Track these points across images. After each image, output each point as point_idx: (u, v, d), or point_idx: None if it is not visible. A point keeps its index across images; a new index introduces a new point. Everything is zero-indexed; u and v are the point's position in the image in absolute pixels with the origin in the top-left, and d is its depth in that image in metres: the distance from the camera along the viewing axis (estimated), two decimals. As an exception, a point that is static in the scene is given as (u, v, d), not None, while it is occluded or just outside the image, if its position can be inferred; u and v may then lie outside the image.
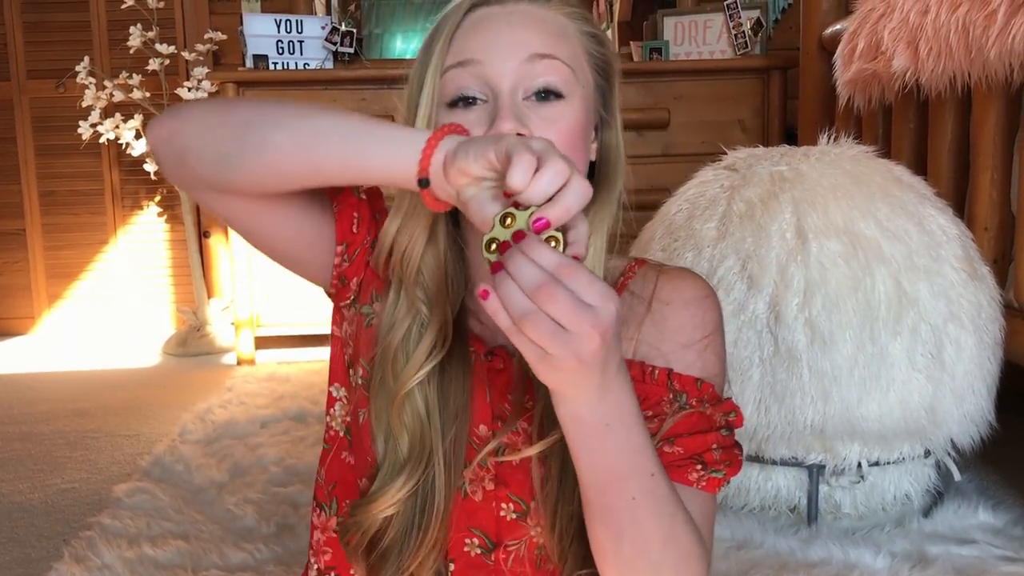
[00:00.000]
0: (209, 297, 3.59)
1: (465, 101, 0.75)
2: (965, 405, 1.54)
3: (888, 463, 1.58)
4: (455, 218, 0.82)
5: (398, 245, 0.78)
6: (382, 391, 0.78)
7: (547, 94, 0.74)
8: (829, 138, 1.76)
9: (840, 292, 1.48)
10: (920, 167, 1.89)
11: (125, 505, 1.80)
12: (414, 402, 0.77)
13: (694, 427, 0.75)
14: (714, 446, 0.74)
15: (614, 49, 0.82)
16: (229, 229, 3.10)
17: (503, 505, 0.78)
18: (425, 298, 0.79)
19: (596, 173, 0.81)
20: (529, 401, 0.77)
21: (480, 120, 0.74)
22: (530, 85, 0.74)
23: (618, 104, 0.82)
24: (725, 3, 3.14)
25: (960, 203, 1.80)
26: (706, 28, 3.17)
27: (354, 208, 0.81)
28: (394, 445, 0.77)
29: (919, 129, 1.94)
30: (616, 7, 5.44)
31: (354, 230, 0.81)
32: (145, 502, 1.82)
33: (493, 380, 0.80)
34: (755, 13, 3.14)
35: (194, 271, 3.51)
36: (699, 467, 0.74)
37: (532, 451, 0.74)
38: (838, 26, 2.21)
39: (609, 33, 5.65)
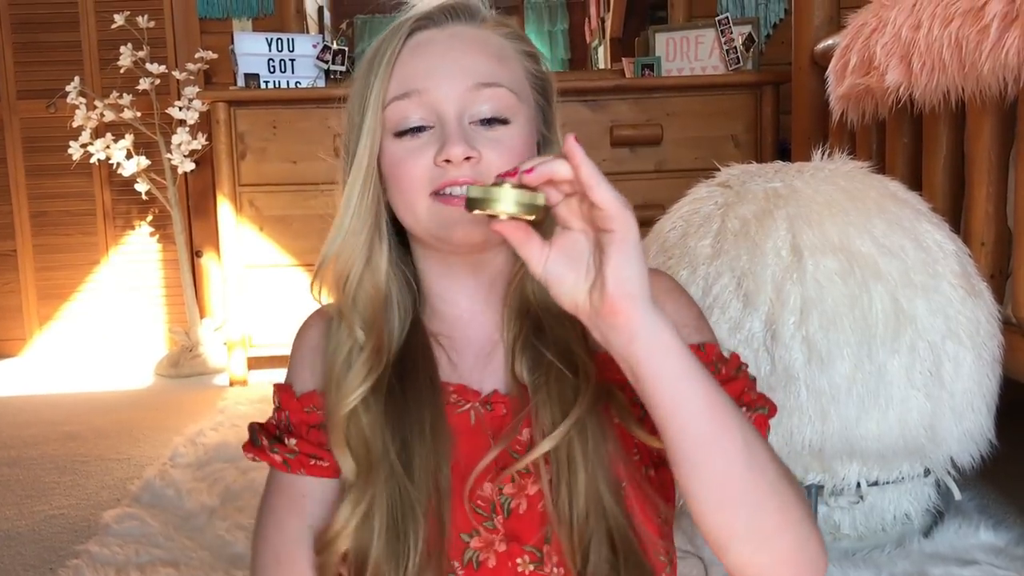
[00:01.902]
0: (202, 317, 3.57)
1: (413, 131, 0.75)
2: (964, 423, 1.52)
3: (887, 483, 1.56)
4: (402, 239, 0.83)
5: (335, 271, 0.79)
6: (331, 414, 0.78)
7: (492, 121, 0.75)
8: (823, 154, 1.74)
9: (837, 310, 1.47)
10: (915, 182, 1.88)
11: (114, 532, 1.78)
12: (357, 423, 0.76)
13: (720, 380, 0.75)
14: (746, 389, 0.77)
15: (549, 67, 0.85)
16: (222, 248, 3.08)
17: (518, 560, 0.76)
18: (361, 323, 0.79)
19: None
20: (524, 428, 0.76)
21: (429, 144, 0.75)
22: (475, 112, 0.75)
23: (558, 121, 0.84)
24: (717, 19, 3.14)
25: (956, 218, 1.79)
26: (698, 44, 3.17)
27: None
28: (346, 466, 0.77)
29: (913, 144, 1.93)
30: (608, 24, 5.45)
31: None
32: (134, 528, 1.79)
33: (499, 430, 0.78)
34: (747, 28, 3.14)
35: (186, 291, 3.48)
36: (743, 408, 0.75)
37: (547, 445, 0.73)
38: (830, 41, 2.21)
39: (601, 50, 5.67)
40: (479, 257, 0.81)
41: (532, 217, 0.62)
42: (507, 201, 0.60)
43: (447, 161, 0.73)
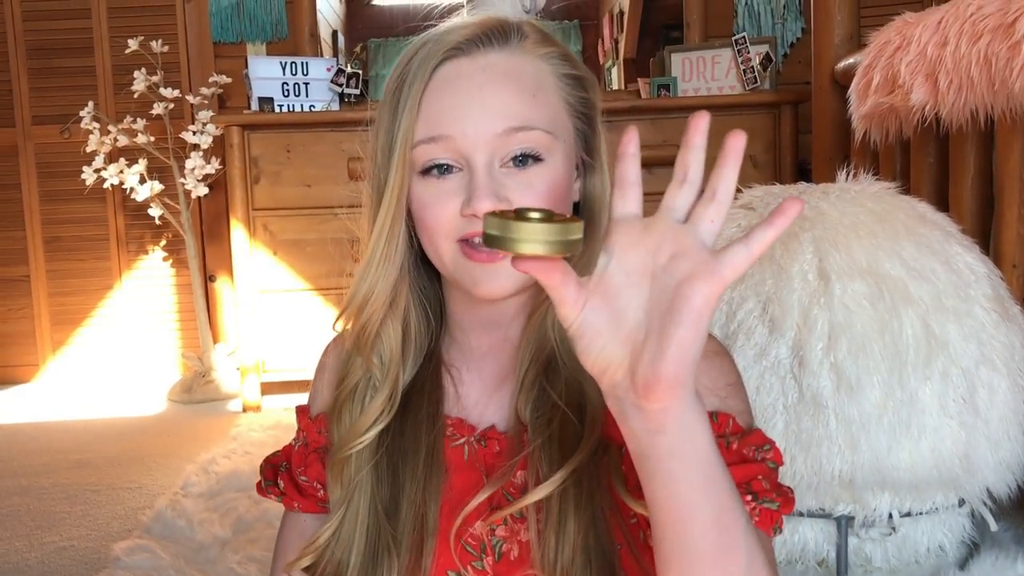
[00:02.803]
0: (215, 342, 3.54)
1: (439, 168, 0.72)
2: (1000, 452, 1.47)
3: (920, 513, 1.51)
4: (428, 271, 0.79)
5: (359, 314, 0.76)
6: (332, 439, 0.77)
7: (525, 158, 0.71)
8: (848, 175, 1.70)
9: (866, 335, 1.42)
10: (941, 203, 1.83)
11: (124, 565, 1.74)
12: (358, 464, 0.75)
13: (729, 460, 0.69)
14: (760, 476, 0.69)
15: (596, 88, 0.79)
16: (235, 273, 3.06)
17: None
18: (380, 363, 0.77)
19: (580, 216, 0.78)
20: (519, 470, 0.72)
21: (457, 191, 0.71)
22: (507, 153, 0.71)
23: (604, 147, 0.79)
24: (733, 38, 3.11)
25: (984, 240, 1.74)
26: (714, 64, 3.15)
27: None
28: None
29: (939, 164, 1.89)
30: (621, 45, 5.45)
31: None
32: (145, 561, 1.75)
33: (492, 466, 0.75)
34: (764, 48, 3.11)
35: (199, 316, 3.46)
36: (748, 497, 0.68)
37: (541, 493, 0.69)
38: (851, 60, 2.17)
39: (614, 71, 5.66)
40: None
41: (566, 255, 0.51)
42: (532, 241, 0.49)
43: (473, 215, 0.69)
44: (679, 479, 0.54)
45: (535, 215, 0.50)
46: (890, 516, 1.48)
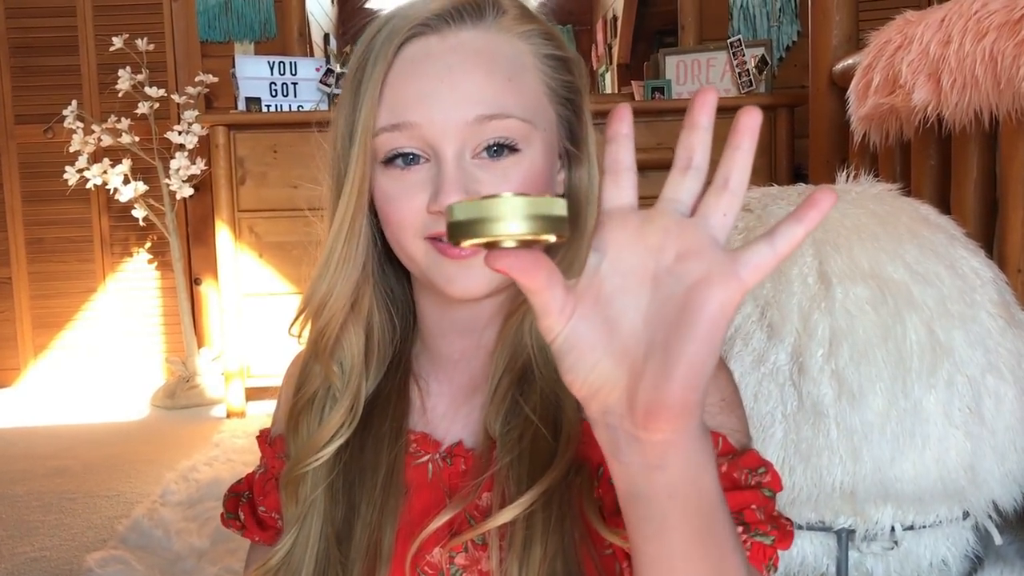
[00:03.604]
0: (200, 347, 3.48)
1: (404, 158, 0.64)
2: (1007, 463, 1.42)
3: (924, 527, 1.45)
4: (395, 270, 0.73)
5: (317, 317, 0.69)
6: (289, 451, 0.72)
7: (500, 148, 0.64)
8: (848, 176, 1.65)
9: (869, 341, 1.37)
10: (942, 206, 1.78)
11: (97, 576, 1.67)
12: (313, 482, 0.69)
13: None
14: (753, 506, 0.61)
15: (582, 70, 0.71)
16: (220, 276, 3.00)
17: None
18: (340, 372, 0.70)
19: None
20: (484, 492, 0.66)
21: (423, 184, 0.64)
22: (479, 143, 0.64)
23: (592, 135, 0.71)
24: (728, 41, 3.07)
25: (987, 244, 1.69)
26: (709, 67, 3.10)
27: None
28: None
29: (941, 166, 1.84)
30: (615, 50, 5.41)
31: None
32: (118, 573, 1.69)
33: (457, 486, 0.68)
34: (759, 51, 3.07)
35: (184, 320, 3.40)
36: (739, 528, 0.60)
37: (504, 516, 0.62)
38: (850, 60, 2.12)
39: (608, 76, 5.62)
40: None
41: (551, 238, 0.41)
42: (512, 217, 0.40)
43: (440, 212, 0.63)
44: (676, 526, 0.46)
45: (507, 194, 0.41)
46: (892, 529, 1.44)
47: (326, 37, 4.12)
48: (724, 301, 0.41)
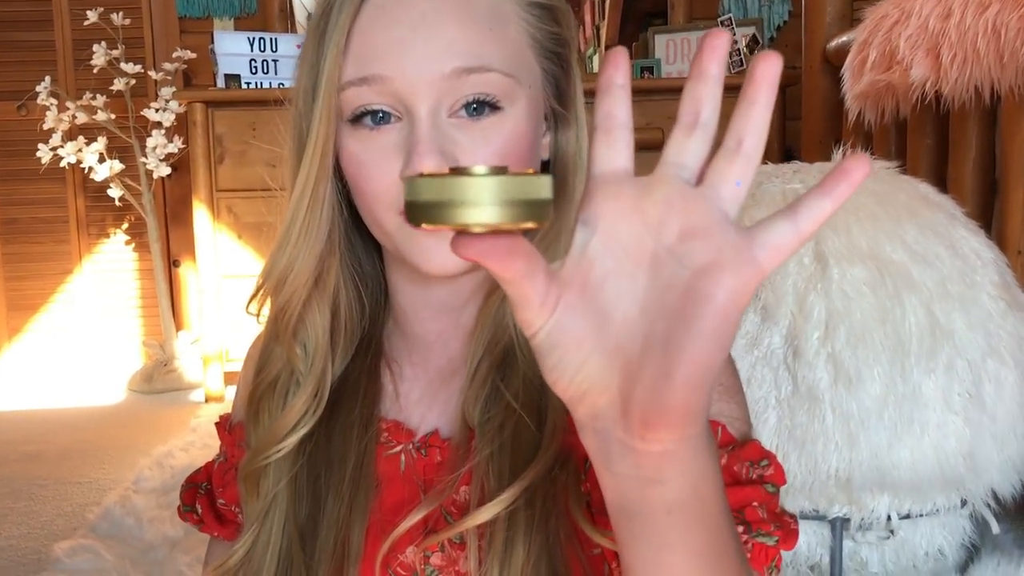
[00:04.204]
0: (178, 330, 3.40)
1: (372, 116, 0.58)
2: (1007, 450, 1.38)
3: (920, 515, 1.42)
4: (365, 242, 0.67)
5: (277, 292, 0.63)
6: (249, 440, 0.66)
7: (480, 106, 0.57)
8: (843, 154, 1.60)
9: (866, 324, 1.33)
10: (939, 186, 1.74)
11: (64, 567, 1.62)
12: (276, 475, 0.63)
13: None
14: (755, 503, 0.56)
15: (571, 20, 0.64)
16: (198, 257, 2.93)
17: None
18: (303, 354, 0.64)
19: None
20: (462, 485, 0.60)
21: (396, 148, 0.57)
22: (456, 100, 0.57)
23: (580, 93, 0.64)
24: (719, 20, 3.01)
25: (986, 225, 1.65)
26: (699, 45, 3.04)
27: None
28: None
29: (938, 144, 1.79)
30: (603, 31, 5.34)
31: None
32: (87, 563, 1.63)
33: (432, 480, 0.62)
34: (750, 30, 3.01)
35: (161, 302, 3.32)
36: (740, 528, 0.55)
37: (484, 514, 0.56)
38: (844, 38, 2.07)
39: (596, 58, 5.55)
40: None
41: (531, 225, 0.35)
42: (484, 202, 0.34)
43: None
44: (675, 545, 0.40)
45: (480, 169, 0.34)
46: (888, 518, 1.40)
47: (309, 17, 4.03)
48: (736, 289, 0.35)
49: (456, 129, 0.57)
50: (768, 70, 0.36)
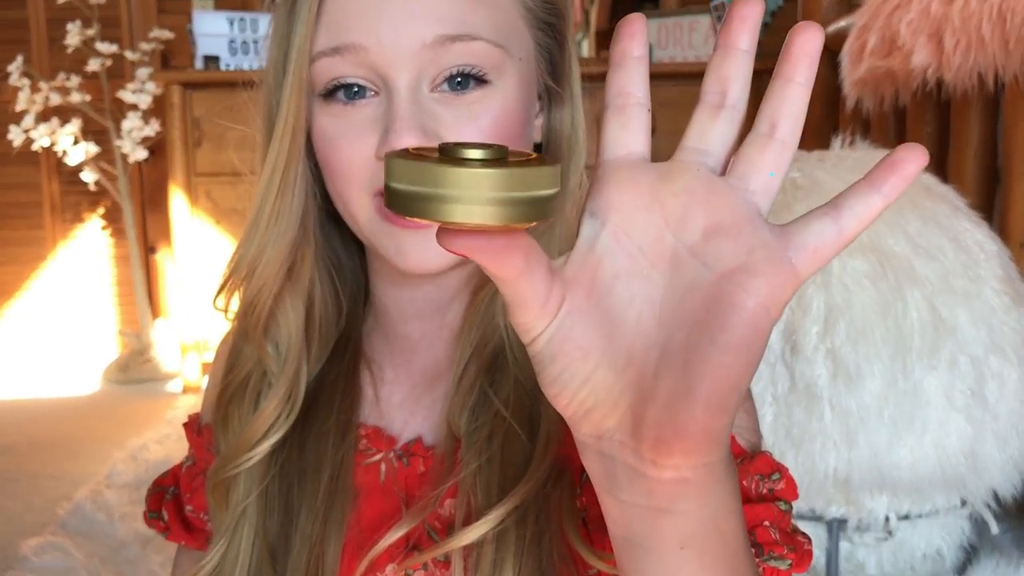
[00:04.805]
0: (155, 318, 3.33)
1: (347, 91, 0.53)
2: (1009, 449, 1.35)
3: (919, 516, 1.38)
4: (343, 233, 0.61)
5: (247, 283, 0.58)
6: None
7: (465, 79, 0.52)
8: (843, 141, 1.56)
9: (867, 318, 1.30)
10: (939, 176, 1.70)
11: (31, 566, 1.56)
12: (246, 486, 0.58)
13: None
14: (766, 522, 0.51)
15: None
16: (174, 243, 2.85)
17: None
18: (275, 353, 0.59)
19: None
20: (447, 498, 0.55)
21: (372, 123, 0.52)
22: (439, 73, 0.52)
23: (576, 69, 0.59)
24: (712, 4, 2.95)
25: (987, 216, 1.61)
26: (691, 31, 2.99)
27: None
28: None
29: (938, 133, 1.75)
30: (593, 17, 5.27)
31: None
32: (55, 561, 1.57)
33: (415, 491, 0.57)
34: (743, 15, 2.96)
35: (137, 290, 3.25)
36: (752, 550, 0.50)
37: (471, 534, 0.51)
38: (842, 23, 2.02)
39: (585, 44, 5.49)
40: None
41: (530, 224, 0.30)
42: (472, 201, 0.29)
43: None
44: None
45: (475, 153, 0.29)
46: (887, 519, 1.37)
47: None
48: (769, 297, 0.31)
49: (439, 104, 0.52)
50: (808, 43, 0.32)
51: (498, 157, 0.30)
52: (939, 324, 1.30)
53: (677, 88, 2.82)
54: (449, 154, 0.29)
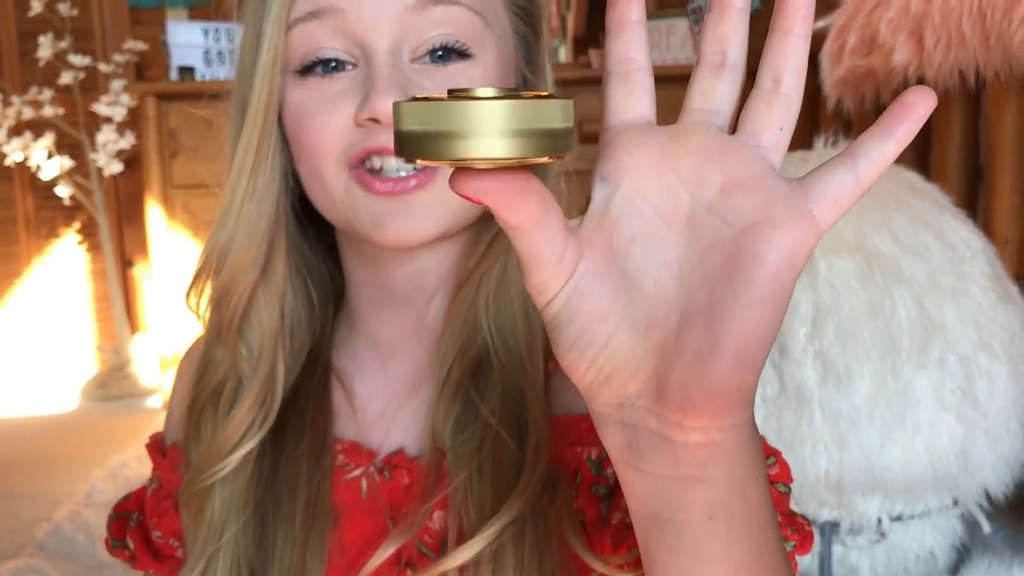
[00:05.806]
0: (133, 333, 3.28)
1: (325, 66, 0.51)
2: (999, 447, 1.34)
3: (912, 517, 1.38)
4: (313, 236, 0.60)
5: (218, 279, 0.55)
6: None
7: (446, 53, 0.51)
8: (826, 140, 1.55)
9: (855, 319, 1.29)
10: (922, 174, 1.70)
11: (9, 590, 1.51)
12: (224, 499, 0.55)
13: None
14: None
15: None
16: (151, 257, 2.81)
17: None
18: (248, 355, 0.56)
19: None
20: (436, 510, 0.53)
21: (349, 92, 0.50)
22: (420, 42, 0.51)
23: (549, 68, 0.59)
24: (689, 8, 2.95)
25: (971, 213, 1.61)
26: (669, 35, 2.98)
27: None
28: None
29: (920, 131, 1.74)
30: (570, 23, 5.27)
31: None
32: (33, 586, 1.52)
33: (400, 506, 0.54)
34: (720, 18, 2.96)
35: (115, 304, 3.21)
36: None
37: (466, 553, 0.49)
38: (821, 23, 2.02)
39: (562, 50, 5.48)
40: (429, 251, 0.56)
41: (549, 159, 0.29)
42: (492, 132, 0.28)
43: (373, 120, 0.49)
44: (718, 557, 0.34)
45: (486, 92, 0.28)
46: (879, 521, 1.36)
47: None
48: (791, 249, 0.31)
49: (420, 75, 0.51)
50: None
51: (510, 92, 0.29)
52: (927, 323, 1.29)
53: (656, 92, 2.82)
54: (460, 94, 0.29)
